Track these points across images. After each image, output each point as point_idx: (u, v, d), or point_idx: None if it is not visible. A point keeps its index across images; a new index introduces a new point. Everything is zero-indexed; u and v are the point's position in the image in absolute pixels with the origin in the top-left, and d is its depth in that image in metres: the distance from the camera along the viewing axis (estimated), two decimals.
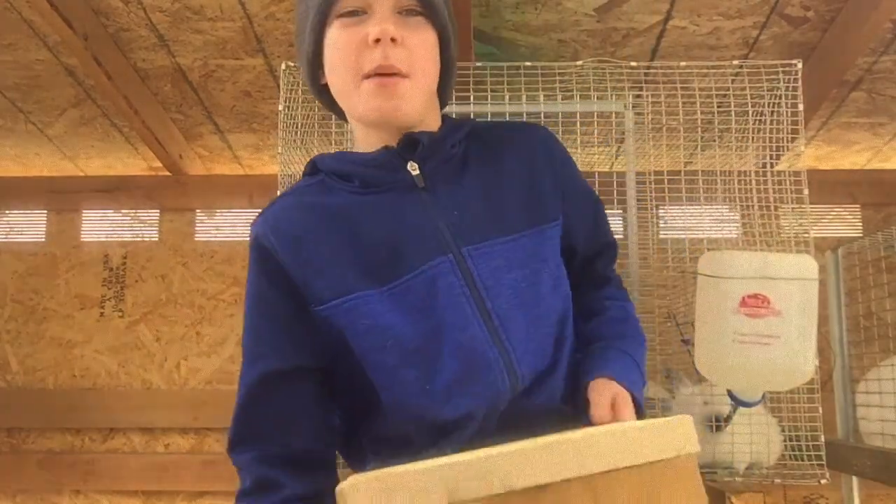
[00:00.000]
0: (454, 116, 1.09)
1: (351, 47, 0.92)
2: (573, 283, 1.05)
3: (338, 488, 0.68)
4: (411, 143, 0.96)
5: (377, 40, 0.90)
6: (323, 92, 1.02)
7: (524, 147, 1.04)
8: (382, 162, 0.96)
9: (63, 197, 3.15)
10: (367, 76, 0.91)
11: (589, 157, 2.28)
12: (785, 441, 1.82)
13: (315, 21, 0.94)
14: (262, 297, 0.95)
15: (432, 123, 1.01)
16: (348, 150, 1.67)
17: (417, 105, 0.95)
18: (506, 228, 0.96)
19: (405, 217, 0.94)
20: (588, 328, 1.05)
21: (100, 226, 3.17)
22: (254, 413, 0.94)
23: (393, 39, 0.90)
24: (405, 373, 0.90)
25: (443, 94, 1.04)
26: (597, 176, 2.06)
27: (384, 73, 0.90)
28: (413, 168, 0.95)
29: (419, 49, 0.93)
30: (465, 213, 0.96)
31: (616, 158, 2.41)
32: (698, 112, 2.00)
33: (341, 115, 1.03)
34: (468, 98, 1.86)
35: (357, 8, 0.92)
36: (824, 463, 1.73)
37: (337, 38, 0.93)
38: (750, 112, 2.03)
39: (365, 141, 0.99)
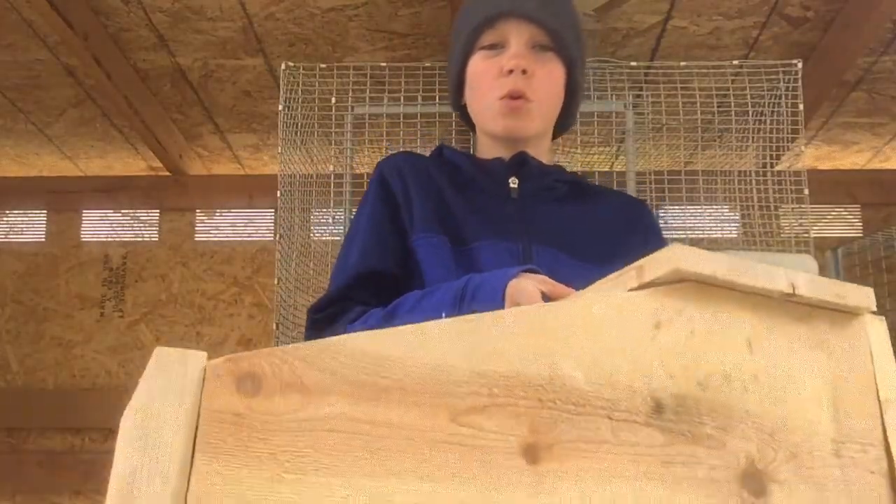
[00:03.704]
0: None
1: (488, 75, 1.07)
2: None
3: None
4: (520, 162, 1.09)
5: (510, 71, 1.05)
6: (462, 109, 1.18)
7: (623, 206, 1.17)
8: (490, 169, 1.11)
9: (63, 197, 3.15)
10: (500, 99, 1.06)
11: (589, 157, 2.28)
12: None
13: (460, 52, 1.11)
14: (375, 215, 1.08)
15: (544, 148, 1.14)
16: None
17: (538, 125, 1.10)
18: (577, 254, 1.05)
19: (489, 214, 1.07)
20: None
21: (100, 226, 3.17)
22: (353, 288, 1.03)
23: (524, 71, 1.04)
24: None
25: (564, 120, 1.17)
26: (596, 176, 2.07)
27: (514, 97, 1.05)
28: (513, 182, 1.09)
29: (546, 80, 1.08)
30: (545, 230, 1.06)
31: (616, 158, 2.41)
32: (698, 112, 2.00)
33: (472, 128, 1.19)
34: None
35: (496, 42, 1.08)
36: None
37: (477, 66, 1.10)
38: (750, 112, 2.03)
39: (486, 151, 1.14)
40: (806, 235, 1.97)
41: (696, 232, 2.21)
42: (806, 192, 1.93)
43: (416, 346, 0.50)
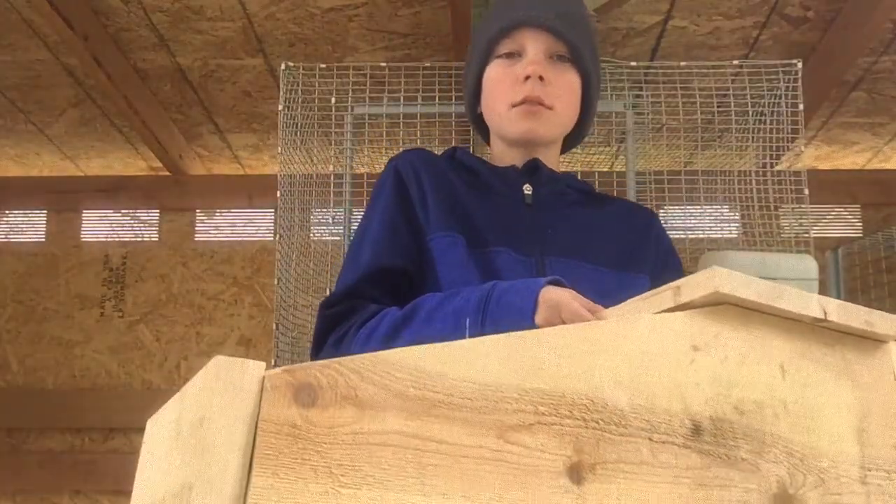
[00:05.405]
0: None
1: (506, 82, 1.09)
2: None
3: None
4: (533, 168, 1.11)
5: (527, 77, 1.06)
6: (477, 119, 1.19)
7: (633, 213, 1.18)
8: (504, 175, 1.12)
9: (63, 197, 3.15)
10: (516, 105, 1.07)
11: (589, 157, 2.28)
12: None
13: (477, 60, 1.13)
14: (389, 210, 1.07)
15: (554, 156, 1.16)
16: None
17: (554, 131, 1.12)
18: (591, 259, 1.06)
19: (505, 218, 1.07)
20: None
21: (100, 226, 3.17)
22: (365, 284, 1.02)
23: (541, 78, 1.06)
24: None
25: (579, 132, 1.19)
26: (596, 176, 2.06)
27: (531, 102, 1.07)
28: (527, 189, 1.10)
29: (562, 88, 1.09)
30: (558, 234, 1.07)
31: (616, 158, 2.41)
32: (698, 112, 2.00)
33: (486, 138, 1.21)
34: None
35: (513, 51, 1.10)
36: None
37: (494, 73, 1.11)
38: (750, 112, 2.03)
39: (499, 159, 1.16)
40: (806, 235, 1.97)
41: (696, 232, 2.21)
42: (806, 192, 1.93)
43: (466, 363, 0.50)
